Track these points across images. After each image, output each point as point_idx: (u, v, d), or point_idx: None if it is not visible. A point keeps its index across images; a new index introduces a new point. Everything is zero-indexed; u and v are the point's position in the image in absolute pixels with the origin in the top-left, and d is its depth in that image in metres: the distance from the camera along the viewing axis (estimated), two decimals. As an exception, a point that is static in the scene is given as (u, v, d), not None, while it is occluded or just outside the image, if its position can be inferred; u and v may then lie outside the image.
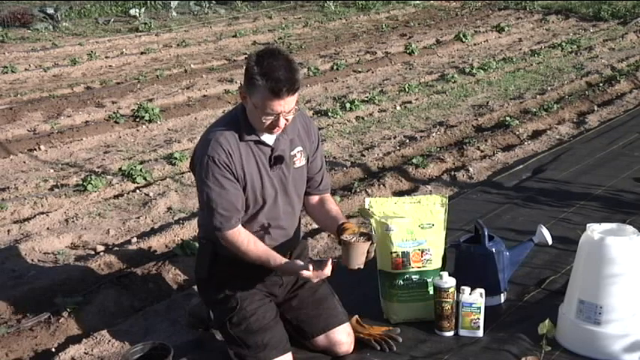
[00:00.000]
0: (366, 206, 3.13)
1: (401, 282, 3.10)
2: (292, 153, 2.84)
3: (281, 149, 2.80)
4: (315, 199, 3.04)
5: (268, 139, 2.77)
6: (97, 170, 5.76)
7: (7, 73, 9.52)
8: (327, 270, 2.67)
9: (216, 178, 2.67)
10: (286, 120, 2.66)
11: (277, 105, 2.58)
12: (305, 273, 2.66)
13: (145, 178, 5.54)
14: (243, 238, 2.74)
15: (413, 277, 3.10)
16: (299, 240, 3.07)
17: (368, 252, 2.73)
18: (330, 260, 2.70)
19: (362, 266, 2.73)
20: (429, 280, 3.11)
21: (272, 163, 2.79)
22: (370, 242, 2.73)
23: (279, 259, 2.73)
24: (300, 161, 2.88)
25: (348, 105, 7.59)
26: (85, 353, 3.14)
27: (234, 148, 2.70)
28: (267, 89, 2.54)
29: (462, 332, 3.04)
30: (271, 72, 2.53)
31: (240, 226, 2.75)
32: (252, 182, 2.75)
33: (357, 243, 2.71)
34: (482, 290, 3.05)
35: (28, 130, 6.92)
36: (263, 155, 2.77)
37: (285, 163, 2.82)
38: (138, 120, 7.19)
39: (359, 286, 3.32)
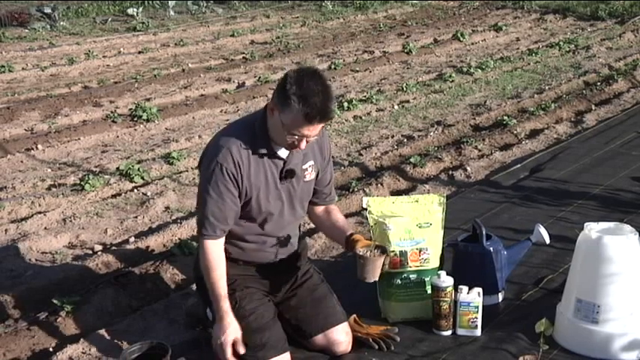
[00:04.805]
0: (364, 205, 3.14)
1: (399, 281, 3.10)
2: (304, 167, 2.84)
3: (294, 163, 2.79)
4: (320, 208, 3.06)
5: (282, 152, 2.76)
6: (94, 170, 5.75)
7: (4, 72, 9.49)
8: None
9: (218, 186, 2.67)
10: (307, 142, 2.65)
11: (306, 130, 2.57)
12: (216, 341, 2.70)
13: (142, 178, 5.53)
14: (216, 255, 2.72)
15: (411, 276, 3.10)
16: (299, 244, 3.08)
17: (383, 264, 2.81)
18: None
19: (377, 279, 2.82)
20: (426, 279, 3.11)
21: (283, 176, 2.78)
22: (385, 255, 2.81)
23: (222, 300, 2.69)
24: (310, 175, 2.88)
25: (345, 104, 7.57)
26: (82, 353, 3.14)
27: (244, 159, 2.68)
28: (301, 113, 2.50)
29: (460, 331, 3.04)
30: (308, 96, 2.48)
31: (222, 240, 2.74)
32: (258, 195, 2.75)
33: (375, 257, 2.79)
34: (479, 289, 3.05)
35: (26, 130, 6.91)
36: (275, 167, 2.76)
37: (297, 177, 2.81)
38: (135, 119, 7.18)
39: (357, 286, 3.31)
